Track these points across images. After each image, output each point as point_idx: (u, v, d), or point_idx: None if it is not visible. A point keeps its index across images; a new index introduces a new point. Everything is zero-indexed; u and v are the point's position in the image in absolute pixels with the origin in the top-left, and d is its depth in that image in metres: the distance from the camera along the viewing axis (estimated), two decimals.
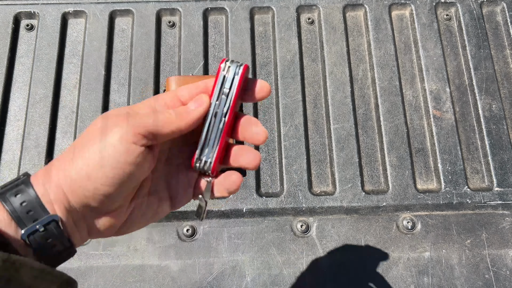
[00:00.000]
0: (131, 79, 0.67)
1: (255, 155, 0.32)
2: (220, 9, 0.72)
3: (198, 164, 0.31)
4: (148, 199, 0.32)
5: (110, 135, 0.27)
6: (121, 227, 0.31)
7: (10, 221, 0.26)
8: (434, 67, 0.70)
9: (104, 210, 0.29)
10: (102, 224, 0.30)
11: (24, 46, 0.70)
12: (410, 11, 0.74)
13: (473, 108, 0.68)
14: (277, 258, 0.57)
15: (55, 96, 0.66)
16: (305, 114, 0.66)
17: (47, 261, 0.27)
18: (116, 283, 0.55)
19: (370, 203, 0.61)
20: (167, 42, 0.71)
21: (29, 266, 0.25)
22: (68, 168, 0.27)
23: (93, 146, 0.27)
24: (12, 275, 0.24)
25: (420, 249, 0.58)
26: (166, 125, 0.29)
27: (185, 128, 0.30)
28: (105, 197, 0.28)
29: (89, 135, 0.28)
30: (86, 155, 0.27)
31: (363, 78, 0.69)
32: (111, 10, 0.72)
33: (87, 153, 0.27)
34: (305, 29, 0.72)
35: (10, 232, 0.26)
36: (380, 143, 0.65)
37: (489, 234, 0.59)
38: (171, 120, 0.29)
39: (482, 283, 0.56)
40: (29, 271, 0.25)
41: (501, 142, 0.65)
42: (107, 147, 0.27)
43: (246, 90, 0.33)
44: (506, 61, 0.71)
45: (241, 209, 0.60)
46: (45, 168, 0.29)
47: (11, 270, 0.24)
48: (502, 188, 0.63)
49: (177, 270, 0.56)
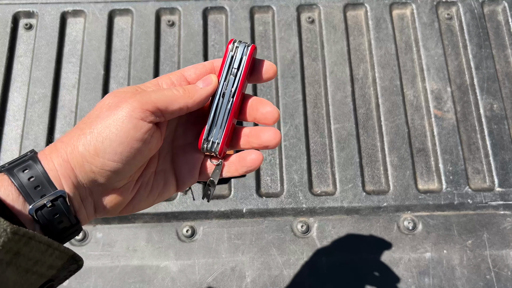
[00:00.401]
0: (131, 79, 0.67)
1: (276, 132, 0.31)
2: (220, 9, 0.72)
3: (206, 145, 0.31)
4: (155, 178, 0.32)
5: (119, 111, 0.27)
6: (127, 206, 0.31)
7: (18, 196, 0.26)
8: (435, 66, 0.69)
9: (111, 186, 0.29)
10: (109, 201, 0.30)
11: (23, 46, 0.70)
12: (411, 10, 0.73)
13: (474, 108, 0.67)
14: (277, 259, 0.57)
15: (54, 95, 0.66)
16: (305, 114, 0.66)
17: (53, 238, 0.27)
18: (115, 284, 0.55)
19: (371, 203, 0.60)
20: (166, 41, 0.70)
21: (37, 240, 0.25)
22: (76, 143, 0.28)
23: (101, 122, 0.28)
24: (20, 248, 0.24)
25: (421, 249, 0.58)
26: (173, 102, 0.29)
27: (192, 105, 0.30)
28: (113, 173, 0.28)
29: (97, 112, 0.28)
30: (94, 130, 0.27)
31: (363, 77, 0.69)
32: (110, 9, 0.71)
33: (95, 129, 0.28)
34: (305, 28, 0.72)
35: (18, 206, 0.26)
36: (381, 143, 0.65)
37: (491, 234, 0.59)
38: (179, 97, 0.29)
39: (483, 284, 0.56)
40: (37, 245, 0.25)
41: (502, 142, 0.65)
42: (116, 123, 0.27)
43: (253, 71, 0.32)
44: (507, 60, 0.71)
45: (241, 210, 0.59)
46: (53, 144, 0.29)
47: (20, 243, 0.24)
48: (504, 188, 0.62)
49: (177, 270, 0.56)
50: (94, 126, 0.28)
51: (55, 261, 0.26)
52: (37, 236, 0.25)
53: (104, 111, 0.28)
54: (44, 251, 0.25)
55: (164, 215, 0.59)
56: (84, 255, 0.56)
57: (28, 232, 0.24)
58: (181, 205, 0.59)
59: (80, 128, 0.28)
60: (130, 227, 0.58)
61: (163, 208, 0.59)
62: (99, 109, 0.28)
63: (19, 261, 0.24)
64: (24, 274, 0.25)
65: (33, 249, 0.25)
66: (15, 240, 0.23)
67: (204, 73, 0.32)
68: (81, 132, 0.28)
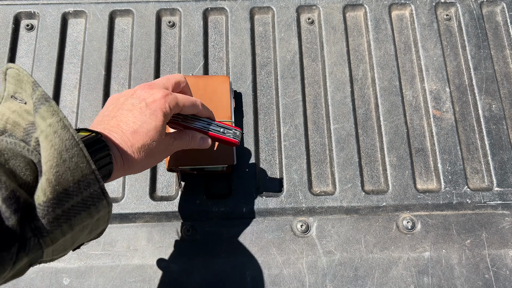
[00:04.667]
0: (131, 79, 0.67)
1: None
2: (220, 9, 0.72)
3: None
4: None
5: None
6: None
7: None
8: (434, 67, 0.70)
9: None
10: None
11: (24, 46, 0.70)
12: (410, 11, 0.74)
13: (473, 108, 0.68)
14: (277, 258, 0.57)
15: (55, 96, 0.66)
16: (305, 114, 0.66)
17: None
18: (116, 283, 0.55)
19: (370, 203, 0.61)
20: (167, 42, 0.71)
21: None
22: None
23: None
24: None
25: (420, 249, 0.58)
26: (183, 145, 0.47)
27: (190, 147, 0.49)
28: None
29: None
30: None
31: (363, 78, 0.69)
32: (111, 10, 0.72)
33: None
34: (305, 29, 0.72)
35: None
36: (380, 143, 0.65)
37: (489, 234, 0.59)
38: (187, 143, 0.48)
39: (482, 283, 0.56)
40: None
41: (501, 142, 0.65)
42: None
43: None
44: (506, 61, 0.71)
45: (241, 209, 0.60)
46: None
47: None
48: (502, 188, 0.63)
49: (177, 270, 0.56)
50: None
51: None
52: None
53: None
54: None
55: (164, 214, 0.59)
56: (85, 255, 0.57)
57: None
58: (182, 204, 0.60)
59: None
60: (131, 226, 0.58)
61: (164, 207, 0.59)
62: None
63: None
64: None
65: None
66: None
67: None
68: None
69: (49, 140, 0.29)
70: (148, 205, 0.59)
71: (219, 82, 0.61)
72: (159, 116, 0.42)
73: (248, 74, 0.68)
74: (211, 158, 0.57)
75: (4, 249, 0.27)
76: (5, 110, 0.33)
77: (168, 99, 0.43)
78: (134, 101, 0.43)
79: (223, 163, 0.57)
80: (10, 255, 0.27)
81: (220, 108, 0.59)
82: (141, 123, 0.41)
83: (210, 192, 0.61)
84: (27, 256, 0.29)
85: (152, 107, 0.42)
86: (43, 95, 0.32)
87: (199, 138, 0.48)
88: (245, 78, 0.67)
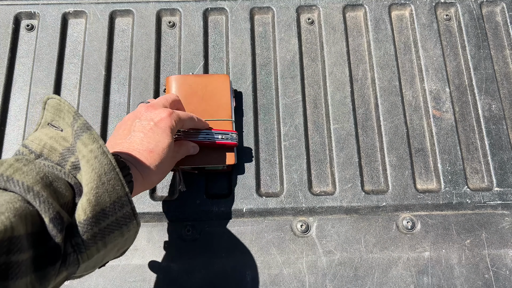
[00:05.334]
0: (131, 79, 0.67)
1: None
2: (220, 9, 0.72)
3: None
4: None
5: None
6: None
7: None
8: (433, 67, 0.70)
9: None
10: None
11: (24, 46, 0.70)
12: (409, 11, 0.74)
13: (473, 108, 0.68)
14: (277, 258, 0.57)
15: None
16: (305, 114, 0.66)
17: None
18: (116, 283, 0.55)
19: (370, 203, 0.61)
20: (167, 42, 0.71)
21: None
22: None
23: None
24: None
25: (419, 249, 0.58)
26: (185, 151, 0.53)
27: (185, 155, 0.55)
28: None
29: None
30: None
31: (363, 78, 0.69)
32: (111, 10, 0.72)
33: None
34: (305, 29, 0.72)
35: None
36: (380, 143, 0.65)
37: (489, 234, 0.59)
38: (185, 154, 0.54)
39: (481, 283, 0.57)
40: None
41: (500, 142, 0.65)
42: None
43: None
44: (506, 61, 0.71)
45: (241, 209, 0.60)
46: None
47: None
48: (502, 188, 0.63)
49: (177, 270, 0.56)
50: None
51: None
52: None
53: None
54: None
55: (164, 214, 0.59)
56: None
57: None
58: (182, 204, 0.60)
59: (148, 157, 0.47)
60: None
61: (164, 207, 0.59)
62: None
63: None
64: None
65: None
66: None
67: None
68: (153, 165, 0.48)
69: (90, 164, 0.32)
70: (148, 205, 0.59)
71: (219, 81, 0.61)
72: (169, 134, 0.46)
73: (248, 74, 0.68)
74: (212, 158, 0.57)
75: (51, 264, 0.29)
76: (42, 136, 0.37)
77: (173, 117, 0.48)
78: (143, 122, 0.46)
79: (224, 162, 0.57)
80: (54, 270, 0.30)
81: (221, 107, 0.59)
82: (155, 142, 0.45)
83: (210, 192, 0.61)
84: (66, 270, 0.31)
85: (161, 126, 0.46)
86: (84, 124, 0.35)
87: (191, 147, 0.54)
88: (245, 78, 0.68)
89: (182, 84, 0.60)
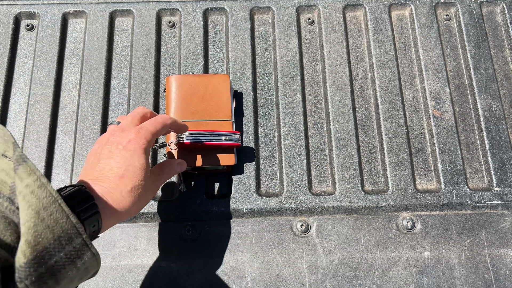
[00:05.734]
0: (131, 79, 0.67)
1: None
2: (220, 9, 0.72)
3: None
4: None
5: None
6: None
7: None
8: (433, 67, 0.70)
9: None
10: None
11: (24, 46, 0.70)
12: (409, 11, 0.74)
13: (473, 108, 0.68)
14: (277, 258, 0.57)
15: (55, 96, 0.66)
16: (305, 114, 0.66)
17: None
18: (116, 283, 0.55)
19: (370, 203, 0.61)
20: (167, 42, 0.71)
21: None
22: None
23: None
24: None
25: (419, 248, 0.58)
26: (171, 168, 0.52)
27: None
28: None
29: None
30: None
31: (363, 78, 0.69)
32: (111, 10, 0.72)
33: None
34: (305, 29, 0.72)
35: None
36: (380, 143, 0.65)
37: (489, 234, 0.59)
38: (170, 174, 0.52)
39: (481, 283, 0.57)
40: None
41: (500, 142, 0.65)
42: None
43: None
44: (506, 61, 0.71)
45: (241, 209, 0.60)
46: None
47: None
48: (502, 188, 0.63)
49: (177, 270, 0.56)
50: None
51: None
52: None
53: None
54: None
55: (165, 214, 0.59)
56: None
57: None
58: (182, 204, 0.60)
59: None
60: (131, 226, 0.58)
61: (164, 207, 0.59)
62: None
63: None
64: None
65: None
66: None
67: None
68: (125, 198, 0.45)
69: (26, 201, 0.30)
70: (148, 205, 0.59)
71: (219, 81, 0.61)
72: (141, 155, 0.43)
73: (248, 74, 0.68)
74: (212, 158, 0.57)
75: None
76: None
77: (141, 134, 0.45)
78: (111, 147, 0.44)
79: (223, 163, 0.57)
80: None
81: (221, 107, 0.59)
82: (126, 166, 0.42)
83: (210, 192, 0.61)
84: None
85: (130, 148, 0.43)
86: (20, 156, 0.32)
87: (176, 164, 0.52)
88: (245, 78, 0.68)
89: (182, 84, 0.60)
